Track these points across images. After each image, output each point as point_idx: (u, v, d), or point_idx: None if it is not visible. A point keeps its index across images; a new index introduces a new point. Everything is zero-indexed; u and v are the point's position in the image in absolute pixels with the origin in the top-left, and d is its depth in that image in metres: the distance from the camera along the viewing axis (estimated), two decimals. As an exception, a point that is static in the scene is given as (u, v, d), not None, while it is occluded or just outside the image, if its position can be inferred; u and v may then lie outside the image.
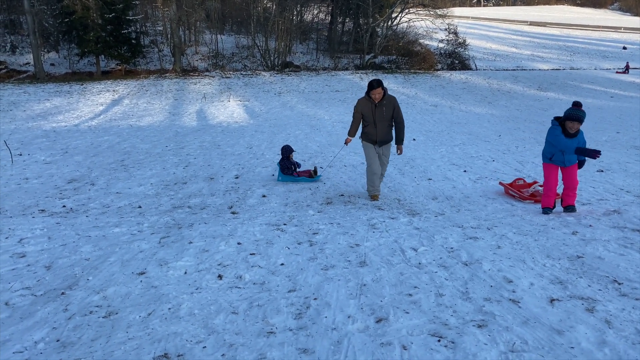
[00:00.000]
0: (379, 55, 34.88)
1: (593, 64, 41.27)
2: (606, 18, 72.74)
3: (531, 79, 31.47)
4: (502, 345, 2.54)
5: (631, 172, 7.88)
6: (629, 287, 3.22)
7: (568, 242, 4.22)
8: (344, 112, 19.04)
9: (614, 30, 59.95)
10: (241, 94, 23.54)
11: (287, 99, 22.68)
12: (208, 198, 6.79)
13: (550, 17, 69.07)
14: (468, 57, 37.44)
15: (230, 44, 35.16)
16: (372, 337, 2.66)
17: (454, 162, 9.33)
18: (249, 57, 33.62)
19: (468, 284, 3.35)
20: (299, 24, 36.14)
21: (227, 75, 28.38)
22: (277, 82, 27.07)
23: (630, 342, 2.54)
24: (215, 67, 30.97)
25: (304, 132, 13.94)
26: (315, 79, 28.42)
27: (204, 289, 3.44)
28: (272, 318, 2.96)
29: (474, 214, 5.69)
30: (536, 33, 55.45)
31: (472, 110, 20.49)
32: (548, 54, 44.81)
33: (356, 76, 29.92)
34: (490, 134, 13.56)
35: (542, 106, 22.24)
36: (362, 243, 4.38)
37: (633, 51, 47.28)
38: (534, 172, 8.24)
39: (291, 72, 30.78)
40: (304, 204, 6.35)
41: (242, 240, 4.51)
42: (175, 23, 29.91)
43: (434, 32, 36.04)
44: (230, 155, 10.31)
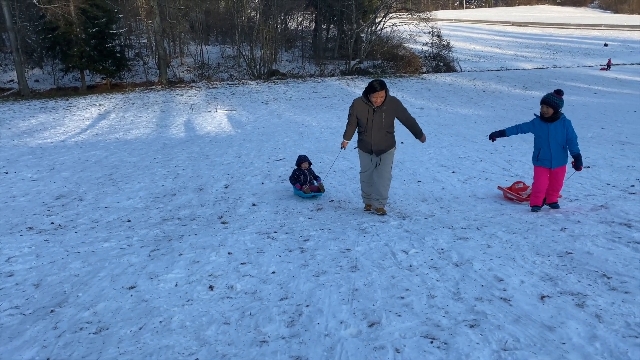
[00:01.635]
0: (364, 61, 35.05)
1: (576, 62, 41.79)
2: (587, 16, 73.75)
3: (516, 79, 31.78)
4: (495, 344, 2.54)
5: (617, 167, 7.96)
6: (618, 280, 3.25)
7: (557, 238, 4.25)
8: (331, 118, 19.08)
9: (594, 28, 60.77)
10: (228, 104, 23.52)
11: (274, 107, 22.70)
12: (198, 209, 6.76)
13: (532, 17, 69.89)
14: (452, 59, 37.74)
15: (215, 54, 35.16)
16: (365, 342, 2.66)
17: (442, 164, 9.38)
18: (234, 67, 33.63)
19: (459, 284, 3.36)
20: (283, 32, 36.24)
21: (214, 86, 28.36)
22: (263, 91, 27.09)
23: (621, 335, 2.56)
24: (201, 77, 30.94)
25: (292, 139, 13.95)
26: (302, 86, 28.48)
27: (195, 300, 3.42)
28: (265, 327, 2.94)
29: (464, 214, 5.72)
30: (519, 33, 56.04)
31: (459, 111, 20.64)
32: (531, 54, 45.29)
33: (342, 82, 30.03)
34: (478, 135, 13.66)
35: (528, 105, 22.45)
36: (353, 248, 4.38)
37: (614, 48, 47.95)
38: (521, 171, 8.30)
39: (277, 80, 30.83)
40: (294, 211, 6.34)
41: (232, 250, 4.49)
42: (160, 35, 29.86)
43: (418, 35, 36.30)
44: (219, 165, 10.29)
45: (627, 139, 11.12)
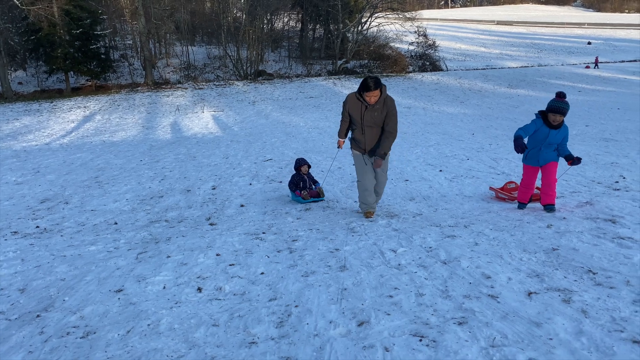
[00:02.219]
0: (350, 60, 35.13)
1: (560, 60, 42.28)
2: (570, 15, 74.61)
3: (501, 77, 32.05)
4: (483, 341, 2.56)
5: (601, 163, 8.06)
6: (603, 276, 3.29)
7: (543, 235, 4.30)
8: (319, 118, 19.09)
9: (578, 27, 61.51)
10: (215, 105, 23.43)
11: (261, 108, 22.65)
12: (185, 210, 6.73)
13: (516, 15, 70.54)
14: (438, 59, 37.98)
15: (201, 55, 35.01)
16: (354, 341, 2.66)
17: (429, 163, 9.43)
18: (221, 67, 33.51)
19: (447, 282, 3.38)
20: (269, 32, 36.19)
21: (200, 87, 28.23)
22: (250, 91, 27.02)
23: (607, 330, 2.59)
24: (187, 78, 30.79)
25: (280, 140, 13.93)
26: (289, 86, 28.47)
27: (184, 302, 3.40)
28: (254, 328, 2.94)
29: (451, 212, 5.75)
30: (503, 32, 56.54)
31: (445, 110, 20.77)
32: (516, 52, 45.72)
33: (329, 82, 30.07)
34: (464, 133, 13.75)
35: (513, 103, 22.65)
36: (342, 247, 4.39)
37: (597, 46, 48.56)
38: (507, 169, 8.37)
39: (264, 80, 30.78)
40: (282, 212, 6.33)
41: (221, 251, 4.47)
42: (145, 36, 29.65)
43: (404, 35, 36.47)
44: (207, 166, 10.24)
45: (610, 136, 11.27)
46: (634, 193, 5.82)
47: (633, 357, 2.31)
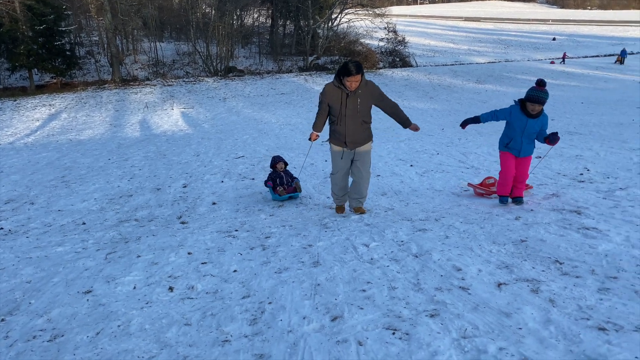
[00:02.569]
0: (321, 56, 35.12)
1: (526, 56, 43.18)
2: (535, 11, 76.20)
3: (469, 73, 32.55)
4: (455, 333, 2.60)
5: (566, 156, 8.27)
6: (570, 266, 3.38)
7: (512, 227, 4.38)
8: (291, 115, 19.05)
9: (543, 23, 62.94)
10: (185, 102, 23.12)
11: (232, 104, 22.46)
12: (156, 209, 6.62)
13: (483, 12, 71.68)
14: (408, 55, 38.31)
15: (170, 51, 34.47)
16: (328, 336, 2.67)
17: (400, 158, 9.51)
18: (190, 64, 33.08)
19: (419, 275, 3.42)
20: (239, 28, 35.87)
21: (169, 83, 27.80)
22: (221, 88, 26.75)
23: (573, 318, 2.66)
24: (156, 75, 30.27)
25: (252, 137, 13.84)
26: (260, 83, 28.30)
27: (155, 302, 3.35)
28: (227, 326, 2.91)
29: (422, 206, 5.82)
30: (471, 28, 57.39)
31: (415, 105, 20.98)
32: (484, 48, 46.48)
33: (300, 78, 30.01)
34: (434, 128, 13.92)
35: (482, 98, 23.05)
36: (315, 243, 4.38)
37: (561, 42, 49.76)
38: (477, 162, 8.51)
39: (235, 76, 30.51)
40: (255, 209, 6.29)
41: (192, 249, 4.42)
42: (111, 32, 29.01)
43: (374, 31, 36.67)
44: (177, 164, 10.10)
45: (575, 129, 11.57)
46: (597, 185, 5.99)
47: (599, 343, 2.38)
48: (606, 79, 29.44)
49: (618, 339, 2.40)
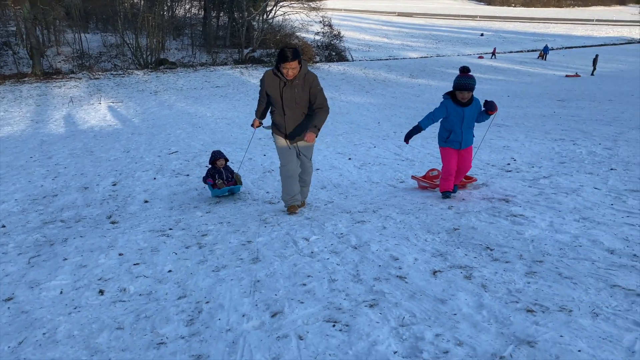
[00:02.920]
0: (257, 49, 34.74)
1: (456, 51, 44.75)
2: (464, 8, 79.10)
3: (403, 67, 33.32)
4: (393, 321, 2.64)
5: (495, 147, 8.64)
6: (500, 252, 3.52)
7: (445, 216, 4.52)
8: (226, 109, 18.72)
9: (471, 19, 65.47)
10: (113, 95, 22.14)
11: (164, 98, 21.76)
12: (83, 209, 6.29)
13: (415, 7, 73.57)
14: (344, 49, 38.65)
15: (96, 43, 32.87)
16: (268, 333, 2.63)
17: (339, 151, 9.58)
18: (118, 56, 31.70)
19: (358, 267, 3.44)
20: (170, 20, 34.76)
21: (96, 76, 26.52)
22: (152, 81, 25.84)
23: (504, 301, 2.77)
24: (81, 68, 28.76)
25: (185, 131, 13.47)
26: (193, 76, 27.60)
27: (84, 307, 3.17)
28: (162, 328, 2.80)
29: (361, 198, 5.88)
30: (404, 23, 58.74)
31: (352, 100, 21.22)
32: (416, 43, 47.70)
33: (236, 71, 29.55)
34: (370, 122, 14.14)
35: (415, 92, 23.67)
36: (254, 239, 4.32)
37: (489, 37, 51.98)
38: (411, 155, 8.72)
39: (166, 69, 29.57)
40: (190, 206, 6.12)
41: (124, 250, 4.22)
42: (30, 22, 27.23)
43: (310, 24, 36.70)
44: (106, 161, 9.65)
45: (502, 121, 12.11)
46: (523, 174, 6.30)
47: (527, 325, 2.49)
48: (530, 73, 31.08)
49: (544, 320, 2.52)
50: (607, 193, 4.85)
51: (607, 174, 5.69)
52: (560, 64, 34.66)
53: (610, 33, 55.03)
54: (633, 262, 3.15)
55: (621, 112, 12.11)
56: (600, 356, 2.17)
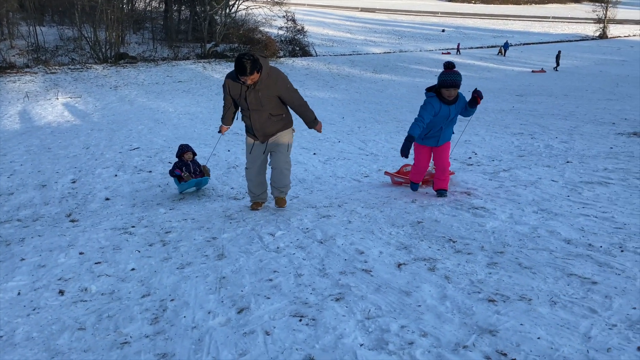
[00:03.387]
0: (220, 44, 34.27)
1: (418, 46, 45.30)
2: (426, 4, 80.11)
3: (366, 63, 33.51)
4: (359, 314, 2.66)
5: (457, 141, 8.81)
6: (462, 243, 3.60)
7: (409, 209, 4.58)
8: (189, 104, 18.42)
9: (433, 15, 66.41)
10: (71, 90, 21.47)
11: (125, 93, 21.24)
12: (41, 208, 6.10)
13: (378, 3, 74.09)
14: (308, 44, 38.56)
15: (52, 36, 31.74)
16: (234, 329, 2.62)
17: (303, 146, 9.58)
18: (76, 50, 30.70)
19: (324, 261, 3.46)
20: (130, 13, 33.90)
21: (53, 71, 25.62)
22: (112, 75, 25.17)
23: (467, 292, 2.84)
24: (37, 62, 27.71)
25: (147, 127, 13.19)
26: (155, 70, 27.02)
27: (43, 308, 3.08)
28: (126, 327, 2.75)
29: (326, 193, 5.90)
30: (367, 19, 59.07)
31: (317, 95, 21.22)
32: (379, 39, 48.05)
33: (199, 65, 29.10)
34: (335, 117, 14.18)
35: (378, 88, 23.86)
36: (219, 235, 4.28)
37: (450, 33, 52.83)
38: (375, 149, 8.80)
39: (127, 63, 28.83)
40: (153, 203, 6.01)
41: (84, 249, 4.12)
42: (-19, 13, 26.06)
43: (273, 19, 36.41)
44: (64, 158, 9.36)
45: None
46: (484, 167, 6.45)
47: (489, 314, 2.56)
48: (490, 68, 31.78)
49: (505, 309, 2.60)
50: (563, 185, 5.02)
51: (564, 166, 5.89)
52: (519, 60, 35.58)
53: (566, 30, 56.83)
54: (588, 251, 3.27)
55: (576, 107, 12.55)
56: (558, 342, 2.25)
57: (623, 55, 37.01)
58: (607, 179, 5.12)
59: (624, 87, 18.52)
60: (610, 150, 6.68)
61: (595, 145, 7.19)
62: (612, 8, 54.91)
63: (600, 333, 2.31)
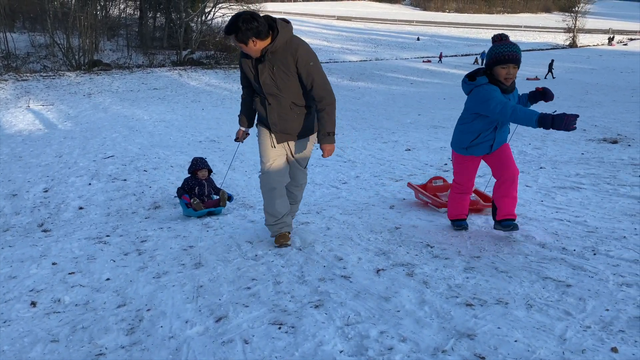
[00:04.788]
0: (196, 51, 34.09)
1: (394, 55, 45.82)
2: (401, 12, 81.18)
3: (343, 71, 33.72)
4: (338, 321, 2.66)
5: (432, 148, 8.92)
6: (439, 248, 3.63)
7: (387, 216, 4.61)
8: (165, 111, 18.25)
9: (408, 24, 67.29)
10: (43, 98, 21.05)
11: (99, 100, 20.92)
12: (12, 218, 5.94)
13: (354, 12, 74.74)
14: (285, 51, 38.58)
15: (24, 43, 31.14)
16: (212, 338, 2.58)
17: (280, 153, 9.55)
18: (48, 57, 30.18)
19: (303, 268, 3.45)
20: (104, 20, 33.48)
21: (24, 78, 25.11)
22: (85, 83, 24.78)
23: (444, 297, 2.86)
24: (7, 69, 27.12)
25: (122, 135, 13.01)
26: (129, 77, 26.69)
27: (14, 320, 2.99)
28: (101, 339, 2.69)
29: (304, 200, 5.87)
30: (344, 27, 59.53)
31: (293, 101, 21.22)
32: (356, 47, 48.46)
33: (174, 72, 28.86)
34: (312, 124, 14.19)
35: (355, 95, 24.01)
36: (197, 244, 4.23)
37: (425, 42, 53.58)
38: (353, 156, 8.84)
39: (101, 71, 28.44)
40: (128, 211, 5.92)
41: (57, 259, 4.02)
42: (-51, 19, 25.44)
43: (250, 27, 36.36)
44: (36, 166, 9.15)
45: (439, 123, 12.53)
46: (460, 173, 6.53)
47: (467, 318, 2.58)
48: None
49: (483, 313, 2.62)
50: (537, 190, 5.11)
51: (537, 172, 6.00)
52: (492, 68, 36.21)
53: (537, 39, 58.20)
54: (562, 255, 3.33)
55: (548, 114, 12.84)
56: (535, 345, 2.28)
57: (592, 63, 38.05)
58: (579, 184, 5.23)
59: (594, 95, 19.03)
60: (581, 156, 6.84)
61: (567, 151, 7.35)
62: (582, 18, 56.53)
63: (575, 335, 2.35)
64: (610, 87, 22.52)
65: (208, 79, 27.85)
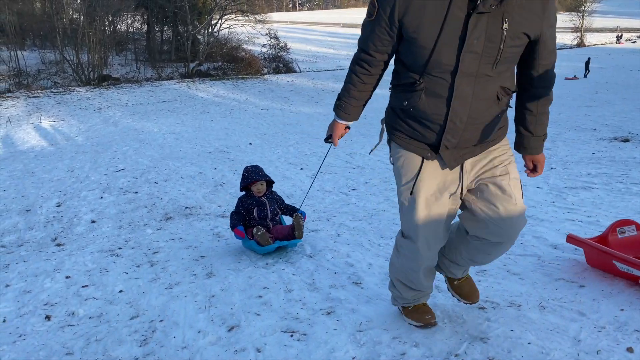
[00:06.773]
0: (204, 63, 34.40)
1: (400, 60, 45.81)
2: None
3: (350, 77, 33.75)
4: (350, 327, 2.65)
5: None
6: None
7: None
8: (174, 123, 18.40)
9: (413, 29, 67.23)
10: (54, 114, 21.34)
11: (109, 114, 21.16)
12: (26, 233, 6.00)
13: (360, 18, 74.98)
14: (291, 60, 38.84)
15: (34, 60, 31.61)
16: (225, 347, 2.59)
17: (290, 162, 9.59)
18: (59, 73, 30.60)
19: (314, 275, 3.45)
20: (112, 35, 33.92)
21: (35, 95, 25.46)
22: (95, 97, 25.08)
23: (456, 300, 2.84)
24: (19, 86, 27.53)
25: (132, 148, 13.12)
26: (139, 91, 26.98)
27: (30, 334, 3.02)
28: (115, 350, 2.71)
29: (314, 207, 5.90)
30: (350, 34, 59.68)
31: (302, 110, 21.34)
32: (362, 53, 48.49)
33: (183, 85, 29.12)
34: (321, 132, 14.23)
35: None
36: (208, 254, 4.25)
37: (431, 47, 53.44)
38: (362, 162, 8.83)
39: (110, 85, 28.77)
40: (140, 224, 5.95)
41: (71, 273, 4.06)
42: (-39, 39, 25.91)
43: (256, 37, 36.67)
44: (49, 181, 9.25)
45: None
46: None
47: (479, 321, 2.56)
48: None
49: (496, 315, 2.61)
50: (548, 191, 5.08)
51: (548, 173, 5.96)
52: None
53: (544, 40, 57.80)
54: (575, 255, 3.31)
55: (558, 114, 12.74)
56: (549, 347, 2.26)
57: (601, 62, 37.75)
58: (590, 183, 5.19)
59: (603, 94, 18.88)
60: (592, 156, 6.78)
61: (578, 151, 7.30)
62: (589, 17, 56.15)
63: (590, 336, 2.32)
64: (620, 85, 22.33)
65: (216, 90, 28.06)
